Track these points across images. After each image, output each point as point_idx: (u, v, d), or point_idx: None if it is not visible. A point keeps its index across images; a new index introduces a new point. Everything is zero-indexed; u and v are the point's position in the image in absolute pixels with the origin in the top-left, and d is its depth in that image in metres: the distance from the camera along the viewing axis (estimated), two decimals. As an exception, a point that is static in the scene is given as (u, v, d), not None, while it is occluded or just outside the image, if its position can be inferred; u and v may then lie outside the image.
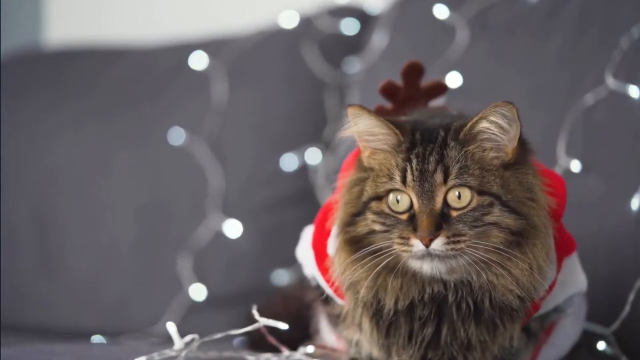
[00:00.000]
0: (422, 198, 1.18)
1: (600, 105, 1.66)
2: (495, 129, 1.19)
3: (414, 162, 1.19)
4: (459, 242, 1.17)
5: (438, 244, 1.17)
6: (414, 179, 1.19)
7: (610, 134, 1.65)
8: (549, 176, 1.27)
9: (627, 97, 1.63)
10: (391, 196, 1.20)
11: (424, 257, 1.18)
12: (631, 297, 1.50)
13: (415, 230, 1.17)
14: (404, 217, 1.19)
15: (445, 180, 1.18)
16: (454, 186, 1.18)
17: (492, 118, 1.19)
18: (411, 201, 1.19)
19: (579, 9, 1.78)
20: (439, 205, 1.18)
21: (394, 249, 1.19)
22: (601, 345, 1.52)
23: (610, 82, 1.65)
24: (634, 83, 1.63)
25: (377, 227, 1.21)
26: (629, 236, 1.58)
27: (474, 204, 1.18)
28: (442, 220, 1.17)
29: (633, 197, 1.57)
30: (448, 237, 1.17)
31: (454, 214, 1.18)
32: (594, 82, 1.68)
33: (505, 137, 1.20)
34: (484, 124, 1.19)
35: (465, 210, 1.18)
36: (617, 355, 1.51)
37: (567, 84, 1.73)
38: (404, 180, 1.19)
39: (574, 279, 1.35)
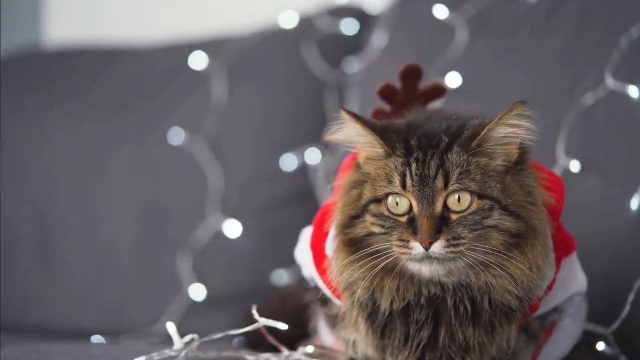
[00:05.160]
0: (423, 202, 1.18)
1: (600, 106, 1.66)
2: (519, 131, 1.19)
3: (414, 166, 1.19)
4: (458, 245, 1.17)
5: (438, 247, 1.16)
6: (414, 184, 1.18)
7: (610, 134, 1.65)
8: (546, 174, 1.27)
9: (627, 97, 1.63)
10: (390, 199, 1.20)
11: (423, 260, 1.18)
12: (631, 297, 1.50)
13: (415, 233, 1.17)
14: (404, 219, 1.19)
15: (446, 186, 1.18)
16: (454, 191, 1.18)
17: (514, 122, 1.18)
18: (411, 204, 1.19)
19: (579, 9, 1.78)
20: (439, 209, 1.18)
21: (393, 252, 1.19)
22: (601, 346, 1.52)
23: (610, 82, 1.65)
24: (633, 83, 1.62)
25: (377, 229, 1.20)
26: (628, 236, 1.57)
27: (474, 207, 1.18)
28: (441, 224, 1.17)
29: (633, 197, 1.57)
30: (448, 241, 1.17)
31: (454, 217, 1.18)
32: (594, 82, 1.68)
33: (524, 138, 1.19)
34: (503, 130, 1.19)
35: (465, 213, 1.18)
36: (617, 355, 1.51)
37: (567, 84, 1.73)
38: (403, 185, 1.19)
39: (574, 279, 1.35)
